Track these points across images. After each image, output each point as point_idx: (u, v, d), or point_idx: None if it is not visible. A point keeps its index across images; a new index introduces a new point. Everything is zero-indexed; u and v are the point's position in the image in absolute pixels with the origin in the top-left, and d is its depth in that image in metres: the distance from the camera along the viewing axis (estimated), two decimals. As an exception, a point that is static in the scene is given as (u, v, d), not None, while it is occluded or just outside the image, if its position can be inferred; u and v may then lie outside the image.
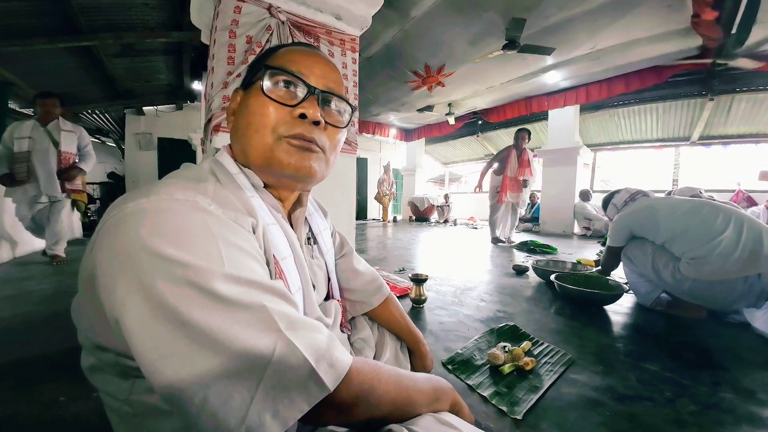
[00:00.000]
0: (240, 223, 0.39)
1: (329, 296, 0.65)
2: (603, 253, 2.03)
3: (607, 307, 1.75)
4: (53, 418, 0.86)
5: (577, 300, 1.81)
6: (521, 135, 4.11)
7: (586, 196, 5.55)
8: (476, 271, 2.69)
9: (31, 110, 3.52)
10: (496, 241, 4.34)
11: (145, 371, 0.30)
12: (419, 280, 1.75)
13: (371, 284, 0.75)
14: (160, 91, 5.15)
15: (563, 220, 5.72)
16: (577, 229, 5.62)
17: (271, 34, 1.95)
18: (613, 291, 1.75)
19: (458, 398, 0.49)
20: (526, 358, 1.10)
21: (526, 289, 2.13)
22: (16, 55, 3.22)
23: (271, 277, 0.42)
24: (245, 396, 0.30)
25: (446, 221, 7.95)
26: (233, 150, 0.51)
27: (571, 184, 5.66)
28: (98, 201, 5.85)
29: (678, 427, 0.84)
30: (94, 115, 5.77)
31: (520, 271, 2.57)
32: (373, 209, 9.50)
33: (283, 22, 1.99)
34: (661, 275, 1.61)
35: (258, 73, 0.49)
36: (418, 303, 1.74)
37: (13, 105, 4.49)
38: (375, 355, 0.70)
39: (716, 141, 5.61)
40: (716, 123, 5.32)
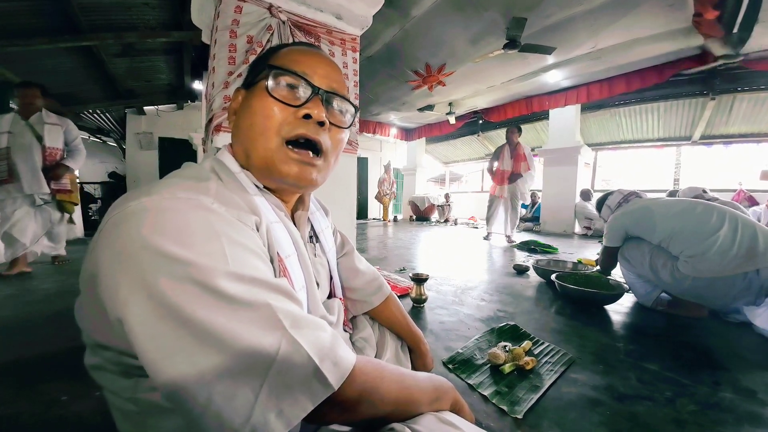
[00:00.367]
0: (243, 221, 0.39)
1: (332, 294, 0.65)
2: (600, 254, 2.04)
3: (607, 307, 1.75)
4: (55, 417, 0.86)
5: (577, 300, 1.81)
6: (511, 131, 4.34)
7: (586, 196, 5.53)
8: (477, 270, 2.69)
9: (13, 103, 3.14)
10: (487, 237, 4.53)
11: (149, 370, 0.30)
12: (420, 280, 1.75)
13: (372, 283, 0.75)
14: (161, 91, 5.14)
15: (564, 219, 5.71)
16: (578, 229, 5.61)
17: (272, 34, 1.96)
18: (613, 291, 1.75)
19: (459, 397, 0.49)
20: (527, 358, 1.10)
21: (526, 289, 2.13)
22: (17, 54, 3.21)
23: (275, 275, 0.42)
24: (249, 395, 0.30)
25: (447, 221, 7.94)
26: (234, 150, 0.50)
27: (572, 184, 5.65)
28: (99, 200, 5.87)
29: (678, 426, 0.84)
30: (95, 115, 5.77)
31: (521, 271, 2.57)
32: (374, 209, 9.49)
33: (284, 22, 1.99)
34: (659, 275, 1.62)
35: (261, 73, 0.48)
36: (419, 302, 1.75)
37: (13, 105, 4.49)
38: (376, 355, 0.69)
39: (718, 140, 5.58)
40: (717, 122, 5.30)
